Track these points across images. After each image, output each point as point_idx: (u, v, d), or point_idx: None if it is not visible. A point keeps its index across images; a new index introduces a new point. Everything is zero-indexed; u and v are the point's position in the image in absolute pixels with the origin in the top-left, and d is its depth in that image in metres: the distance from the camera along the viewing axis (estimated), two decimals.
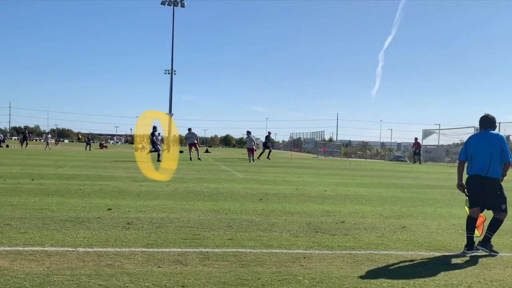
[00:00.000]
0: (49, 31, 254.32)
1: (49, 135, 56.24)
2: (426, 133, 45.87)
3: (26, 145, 45.25)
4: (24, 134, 47.53)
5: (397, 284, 4.43)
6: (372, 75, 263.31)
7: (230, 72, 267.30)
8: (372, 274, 4.73)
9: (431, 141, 42.69)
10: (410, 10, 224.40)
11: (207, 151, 48.13)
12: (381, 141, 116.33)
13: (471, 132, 41.26)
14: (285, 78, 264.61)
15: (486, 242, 5.90)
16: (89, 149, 46.56)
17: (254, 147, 29.39)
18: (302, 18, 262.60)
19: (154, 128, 25.97)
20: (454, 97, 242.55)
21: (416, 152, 37.52)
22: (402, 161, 49.99)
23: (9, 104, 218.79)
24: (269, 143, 35.33)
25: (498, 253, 5.85)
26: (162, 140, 29.27)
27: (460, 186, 6.24)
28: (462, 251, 5.87)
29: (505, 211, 5.98)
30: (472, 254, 5.79)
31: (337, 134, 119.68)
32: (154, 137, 25.89)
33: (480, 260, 5.55)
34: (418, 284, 4.46)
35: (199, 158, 27.13)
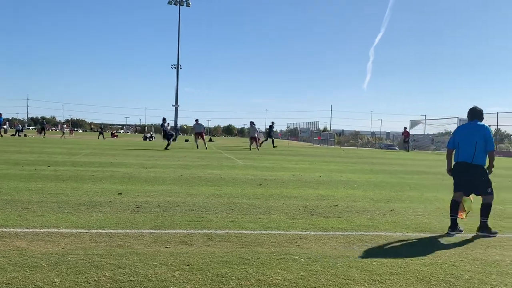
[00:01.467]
0: (66, 28, 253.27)
1: (64, 125, 56.19)
2: (413, 123, 45.86)
3: (44, 135, 45.22)
4: (42, 125, 47.60)
5: (387, 263, 4.43)
6: (363, 70, 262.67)
7: (232, 66, 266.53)
8: (364, 254, 4.73)
9: (417, 130, 42.76)
10: (399, 9, 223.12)
11: (210, 139, 48.13)
12: (372, 131, 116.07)
13: (454, 122, 41.29)
14: (283, 72, 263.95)
15: (484, 227, 5.92)
16: (103, 138, 46.40)
17: (257, 136, 28.57)
18: (298, 15, 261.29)
19: (164, 119, 26.44)
20: (439, 90, 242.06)
21: (405, 140, 37.45)
22: (392, 149, 49.93)
23: (27, 96, 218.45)
24: (272, 132, 35.16)
25: (497, 232, 5.93)
26: (173, 129, 28.99)
27: (449, 171, 6.26)
28: (446, 232, 5.89)
29: (491, 193, 5.98)
30: (456, 235, 5.81)
31: (331, 124, 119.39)
32: (164, 127, 26.49)
33: (463, 240, 5.56)
34: (405, 263, 4.46)
35: (206, 148, 26.97)
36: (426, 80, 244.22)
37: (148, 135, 53.05)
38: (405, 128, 38.81)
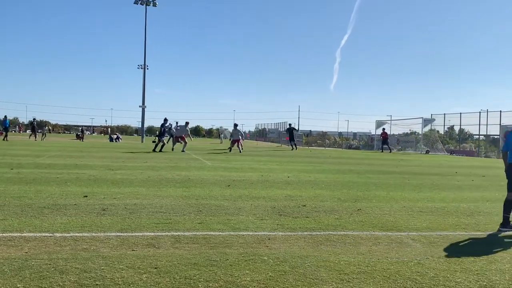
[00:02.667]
0: (29, 27, 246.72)
1: (46, 127, 53.76)
2: (379, 124, 46.66)
3: (35, 137, 39.70)
4: (33, 125, 41.33)
5: (354, 262, 4.48)
6: (330, 71, 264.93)
7: (200, 67, 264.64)
8: (331, 253, 4.77)
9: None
10: (364, 11, 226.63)
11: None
12: (339, 131, 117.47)
13: (419, 122, 42.31)
14: (251, 73, 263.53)
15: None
16: (81, 140, 44.52)
17: (241, 138, 28.20)
18: (265, 17, 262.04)
19: (165, 120, 26.28)
20: (403, 91, 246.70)
21: (384, 142, 37.92)
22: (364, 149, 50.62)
23: None
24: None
25: None
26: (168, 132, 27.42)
27: (506, 171, 6.59)
28: (498, 229, 6.24)
29: None
30: (506, 232, 6.13)
31: (298, 124, 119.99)
32: (163, 128, 25.98)
33: (428, 238, 5.67)
34: (372, 262, 4.52)
35: (183, 151, 25.26)
36: (391, 80, 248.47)
37: (115, 136, 52.25)
38: (383, 129, 39.46)
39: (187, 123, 27.60)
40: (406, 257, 4.75)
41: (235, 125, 28.90)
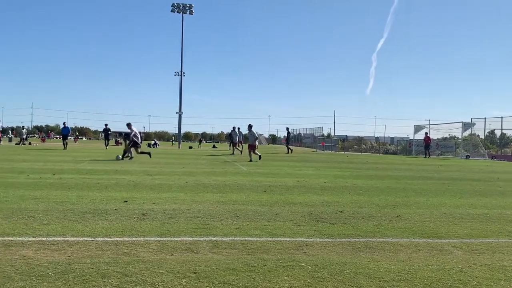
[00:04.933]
0: (70, 35, 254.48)
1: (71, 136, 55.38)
2: (417, 128, 45.78)
3: (107, 145, 37.65)
4: (106, 132, 38.67)
5: (393, 269, 4.40)
6: (366, 75, 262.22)
7: (235, 73, 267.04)
8: (370, 260, 4.71)
9: (422, 135, 42.49)
10: (401, 13, 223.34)
11: (214, 146, 48.15)
12: (376, 136, 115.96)
13: (459, 127, 41.27)
14: (286, 78, 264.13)
15: None
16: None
17: (257, 143, 23.90)
18: (301, 21, 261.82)
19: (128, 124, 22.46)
20: (443, 94, 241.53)
21: (426, 146, 37.31)
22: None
23: (31, 105, 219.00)
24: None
25: None
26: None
27: None
28: None
29: None
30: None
31: (334, 129, 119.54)
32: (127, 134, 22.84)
33: (469, 245, 5.52)
34: (413, 269, 4.43)
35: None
36: (430, 84, 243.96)
37: (152, 142, 53.13)
38: (426, 133, 38.66)
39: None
40: (448, 265, 4.63)
41: (250, 126, 24.54)
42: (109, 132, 40.28)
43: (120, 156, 21.05)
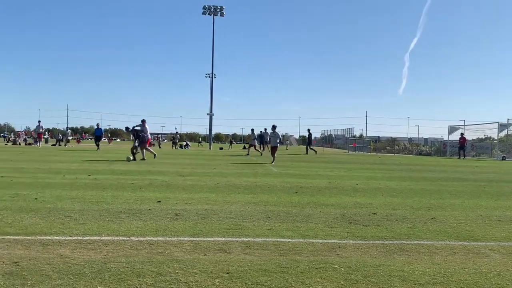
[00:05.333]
0: (103, 38, 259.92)
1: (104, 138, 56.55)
2: (452, 129, 44.90)
3: (175, 147, 39.74)
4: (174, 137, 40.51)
5: (429, 272, 4.33)
6: (399, 75, 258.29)
7: (265, 74, 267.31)
8: (405, 263, 4.63)
9: (456, 136, 41.63)
10: (434, 13, 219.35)
11: (245, 147, 48.28)
12: (409, 137, 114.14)
13: (495, 127, 40.23)
14: (317, 79, 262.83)
15: None
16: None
17: (278, 145, 22.86)
18: (328, 22, 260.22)
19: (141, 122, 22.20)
20: (477, 95, 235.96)
21: (461, 147, 36.66)
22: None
23: (66, 107, 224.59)
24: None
25: None
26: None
27: None
28: None
29: None
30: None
31: (366, 130, 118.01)
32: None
33: (507, 249, 5.37)
34: (449, 272, 4.34)
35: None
36: (463, 84, 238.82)
37: (184, 143, 53.68)
38: (461, 134, 37.94)
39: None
40: (485, 268, 4.52)
41: (274, 127, 23.20)
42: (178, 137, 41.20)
43: (131, 157, 20.78)
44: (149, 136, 21.62)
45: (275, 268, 4.31)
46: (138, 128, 21.58)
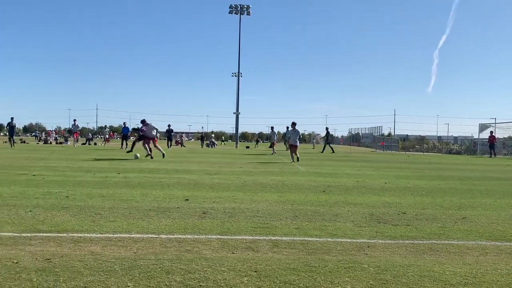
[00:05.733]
0: (130, 37, 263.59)
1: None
2: (483, 127, 43.98)
3: (170, 146, 37.62)
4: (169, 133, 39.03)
5: (460, 272, 4.25)
6: (428, 72, 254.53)
7: (292, 73, 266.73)
8: (435, 263, 4.56)
9: (487, 134, 40.77)
10: (464, 9, 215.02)
11: (270, 146, 48.28)
12: (438, 135, 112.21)
13: None
14: (343, 77, 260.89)
15: None
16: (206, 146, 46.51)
17: (298, 144, 21.52)
18: (356, 18, 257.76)
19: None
20: (509, 92, 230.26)
21: (491, 146, 36.02)
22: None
23: (96, 106, 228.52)
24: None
25: None
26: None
27: None
28: None
29: None
30: None
31: (394, 129, 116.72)
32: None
33: None
34: (480, 273, 4.26)
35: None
36: (494, 81, 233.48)
37: (207, 142, 53.98)
38: (491, 132, 37.22)
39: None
40: None
41: (294, 124, 22.02)
42: (172, 133, 40.94)
43: (138, 155, 20.86)
44: (154, 135, 21.67)
45: (303, 267, 4.30)
46: (137, 127, 23.50)
